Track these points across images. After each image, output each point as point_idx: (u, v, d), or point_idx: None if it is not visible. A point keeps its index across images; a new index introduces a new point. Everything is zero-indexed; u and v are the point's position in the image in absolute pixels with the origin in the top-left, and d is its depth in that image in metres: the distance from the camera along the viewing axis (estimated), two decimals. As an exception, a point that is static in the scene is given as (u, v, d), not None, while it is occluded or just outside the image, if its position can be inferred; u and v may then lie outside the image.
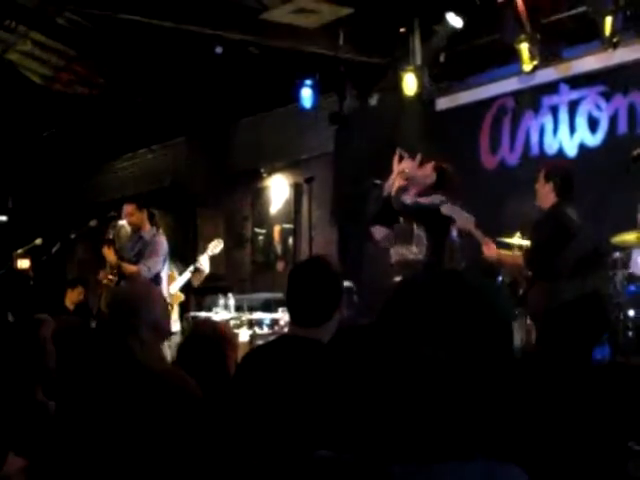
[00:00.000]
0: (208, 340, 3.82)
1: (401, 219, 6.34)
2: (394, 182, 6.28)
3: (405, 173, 6.27)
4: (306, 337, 3.02)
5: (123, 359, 3.03)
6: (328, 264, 3.25)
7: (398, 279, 6.19)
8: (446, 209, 6.13)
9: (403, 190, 6.32)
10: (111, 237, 8.23)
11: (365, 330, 2.59)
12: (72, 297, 11.08)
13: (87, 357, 3.28)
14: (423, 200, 6.20)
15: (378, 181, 6.45)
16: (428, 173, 6.26)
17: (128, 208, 8.17)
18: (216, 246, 9.09)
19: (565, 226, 5.87)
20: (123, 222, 8.28)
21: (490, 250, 6.21)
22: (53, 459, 2.87)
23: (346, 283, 8.56)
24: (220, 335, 3.90)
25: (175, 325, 8.07)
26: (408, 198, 6.23)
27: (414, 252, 6.18)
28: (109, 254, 8.09)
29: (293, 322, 3.18)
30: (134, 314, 3.32)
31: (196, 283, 8.92)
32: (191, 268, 8.78)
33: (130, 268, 7.90)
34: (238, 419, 2.84)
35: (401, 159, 6.36)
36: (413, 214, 6.20)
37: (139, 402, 2.90)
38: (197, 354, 3.75)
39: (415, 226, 6.21)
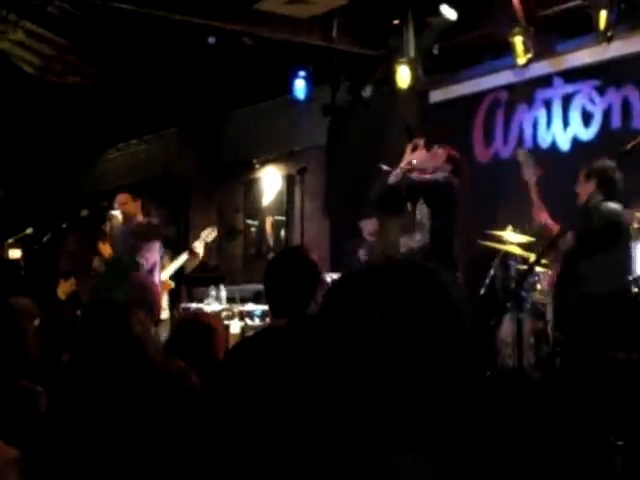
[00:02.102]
0: (195, 332, 3.81)
1: (408, 206, 6.16)
2: (402, 170, 6.08)
3: (415, 165, 6.07)
4: (280, 328, 3.02)
5: (126, 342, 2.99)
6: (301, 255, 3.24)
7: None
8: (521, 156, 6.27)
9: (410, 171, 6.14)
10: (107, 230, 8.20)
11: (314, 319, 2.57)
12: (65, 288, 11.03)
13: (81, 344, 3.23)
14: (427, 176, 6.04)
15: (385, 167, 6.20)
16: (442, 163, 6.07)
17: (122, 197, 8.13)
18: (210, 234, 9.03)
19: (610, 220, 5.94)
20: (116, 212, 8.25)
21: (540, 216, 6.27)
22: (48, 448, 2.84)
23: (337, 275, 8.57)
24: (207, 327, 3.89)
25: (164, 313, 8.06)
26: (415, 175, 6.06)
27: (417, 240, 6.01)
28: (105, 248, 8.07)
29: (270, 313, 3.21)
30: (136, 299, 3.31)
31: (190, 268, 8.86)
32: (185, 254, 8.71)
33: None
34: (223, 412, 2.83)
35: (415, 148, 6.14)
36: (419, 190, 6.02)
37: (141, 385, 2.87)
38: (185, 346, 3.74)
39: (418, 212, 6.02)
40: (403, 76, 9.27)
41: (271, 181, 12.12)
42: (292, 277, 3.11)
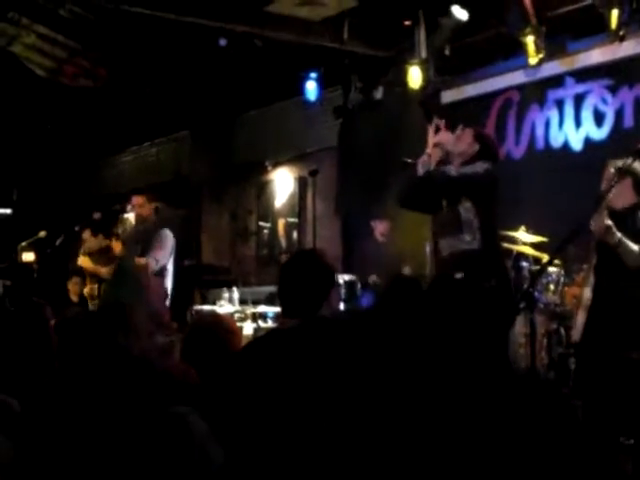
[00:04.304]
0: (211, 333, 3.81)
1: (444, 203, 5.56)
2: (431, 156, 5.54)
3: (442, 146, 5.56)
4: (289, 329, 3.01)
5: (114, 351, 3.00)
6: (316, 257, 3.24)
7: (458, 276, 5.36)
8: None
9: (443, 163, 5.57)
10: (120, 231, 8.24)
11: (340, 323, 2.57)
12: (72, 289, 11.07)
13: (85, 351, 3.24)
14: (467, 170, 5.46)
15: (409, 160, 5.66)
16: (469, 142, 5.56)
17: (138, 200, 8.16)
18: None
19: None
20: (128, 215, 8.29)
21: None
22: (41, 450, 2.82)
23: (349, 277, 8.56)
24: (223, 328, 3.89)
25: None
26: (452, 169, 5.48)
27: (467, 240, 5.41)
28: (117, 246, 8.10)
29: (282, 314, 3.20)
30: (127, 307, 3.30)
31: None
32: None
33: (138, 261, 7.90)
34: (233, 412, 2.83)
35: (438, 130, 5.63)
36: (459, 187, 5.44)
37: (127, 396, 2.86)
38: (201, 347, 3.74)
39: (462, 209, 5.45)
40: (414, 77, 9.28)
41: (283, 183, 12.13)
42: (305, 279, 3.11)
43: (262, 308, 9.17)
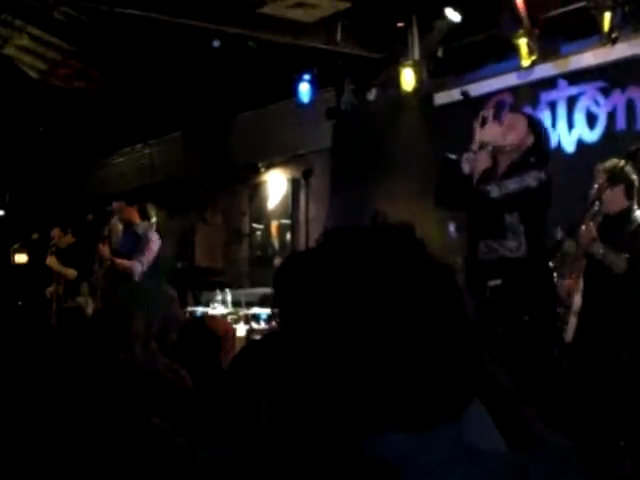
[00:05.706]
0: (204, 335, 3.81)
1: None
2: (478, 161, 4.92)
3: (490, 145, 4.95)
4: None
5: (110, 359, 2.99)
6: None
7: (494, 283, 4.78)
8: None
9: (489, 172, 4.91)
10: (106, 234, 8.28)
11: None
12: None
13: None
14: (513, 185, 4.79)
15: (453, 156, 5.10)
16: (522, 133, 4.96)
17: (117, 205, 8.25)
18: None
19: None
20: (114, 219, 8.35)
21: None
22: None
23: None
24: (216, 330, 3.89)
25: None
26: (495, 189, 4.78)
27: (510, 247, 4.78)
28: (104, 250, 8.13)
29: None
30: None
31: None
32: None
33: (123, 263, 7.91)
34: (226, 417, 2.83)
35: (484, 122, 5.03)
36: (503, 207, 4.81)
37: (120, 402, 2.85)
38: (193, 349, 3.75)
39: (507, 215, 4.83)
40: (407, 79, 9.30)
41: (276, 185, 12.13)
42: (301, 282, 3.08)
43: (255, 310, 9.17)
